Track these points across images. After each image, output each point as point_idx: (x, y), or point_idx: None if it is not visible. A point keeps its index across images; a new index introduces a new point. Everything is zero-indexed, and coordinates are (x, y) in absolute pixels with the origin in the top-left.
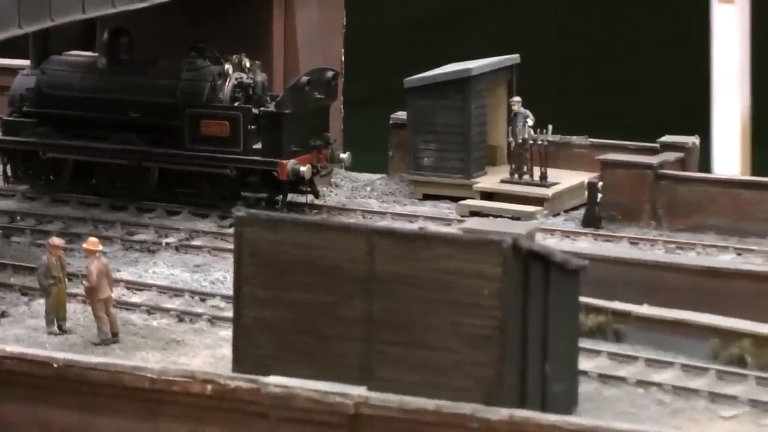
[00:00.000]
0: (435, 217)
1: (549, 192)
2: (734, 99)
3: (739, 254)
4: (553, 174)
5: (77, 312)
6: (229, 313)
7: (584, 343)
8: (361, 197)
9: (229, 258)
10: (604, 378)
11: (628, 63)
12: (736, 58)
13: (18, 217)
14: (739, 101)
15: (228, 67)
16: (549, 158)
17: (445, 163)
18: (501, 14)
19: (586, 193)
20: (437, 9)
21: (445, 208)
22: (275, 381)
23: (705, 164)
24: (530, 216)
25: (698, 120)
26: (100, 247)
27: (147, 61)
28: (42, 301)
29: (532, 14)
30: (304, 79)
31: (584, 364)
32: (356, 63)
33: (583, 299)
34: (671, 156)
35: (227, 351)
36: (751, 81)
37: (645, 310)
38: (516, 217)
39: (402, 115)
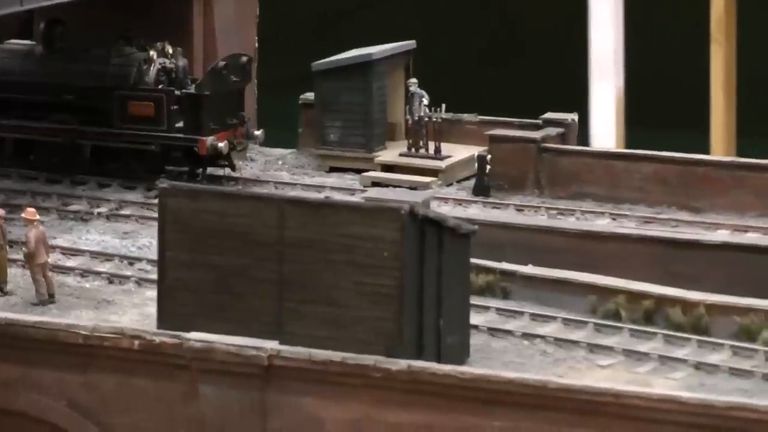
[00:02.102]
0: (340, 188)
1: (443, 164)
2: (610, 79)
3: (613, 219)
4: (446, 148)
5: (17, 275)
6: (155, 276)
7: (475, 299)
8: (274, 170)
9: (155, 225)
10: (493, 331)
11: (513, 47)
12: (611, 41)
13: None
14: (615, 81)
15: (153, 53)
16: (442, 134)
17: (350, 138)
18: (399, 3)
19: (476, 165)
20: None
21: (350, 180)
22: (196, 336)
23: (583, 139)
24: (426, 186)
25: (577, 98)
26: (38, 217)
27: (80, 48)
28: None
29: (427, 2)
30: (221, 63)
31: (475, 318)
32: (269, 49)
33: (473, 260)
34: (552, 131)
35: (153, 309)
36: (625, 62)
37: (529, 269)
38: (413, 187)
39: (310, 95)
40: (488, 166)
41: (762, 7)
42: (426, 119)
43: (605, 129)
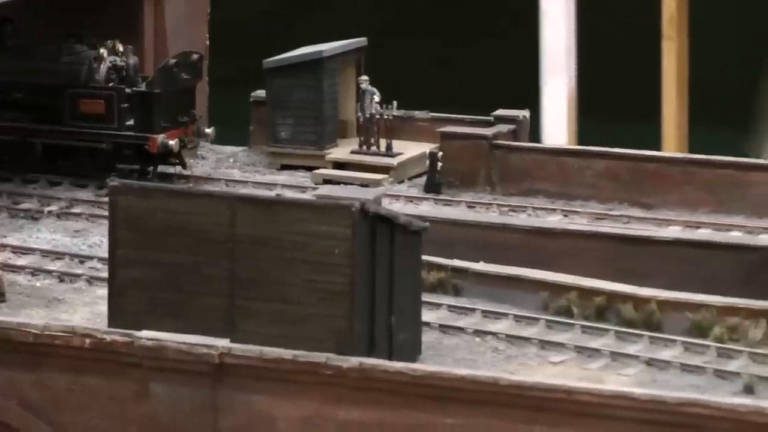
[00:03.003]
0: (292, 185)
1: (394, 161)
2: (562, 76)
3: (565, 215)
4: (397, 145)
5: None
6: (105, 274)
7: (426, 297)
8: (225, 168)
9: (106, 224)
10: (445, 328)
11: (464, 44)
12: (563, 38)
13: None
14: (566, 78)
15: (103, 51)
16: (394, 131)
17: (301, 136)
18: (350, 1)
19: (428, 162)
20: None
21: (301, 177)
22: (147, 334)
23: (535, 135)
24: (377, 183)
25: (529, 95)
26: None
27: (30, 46)
28: None
29: (379, 1)
30: (172, 61)
31: (427, 315)
32: (220, 47)
33: (425, 257)
34: (504, 128)
35: (104, 308)
36: (577, 59)
37: (481, 266)
38: (365, 184)
39: (262, 93)
40: (440, 163)
41: (713, 4)
42: (377, 116)
43: (557, 126)
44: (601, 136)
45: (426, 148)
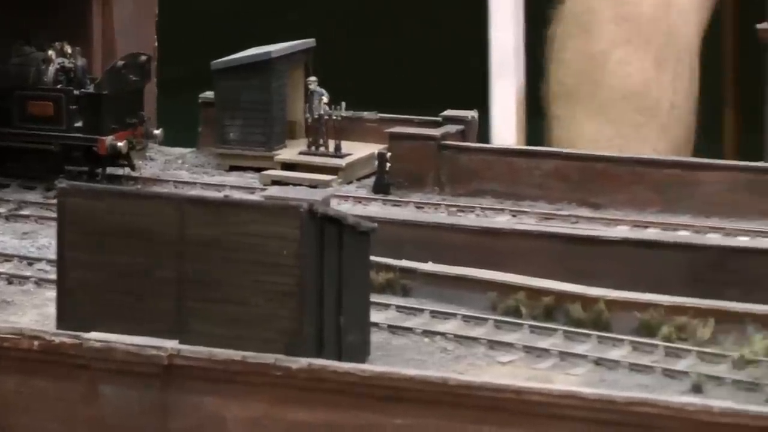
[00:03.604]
0: (240, 186)
1: (343, 162)
2: (511, 76)
3: (514, 215)
4: (346, 146)
5: None
6: (54, 276)
7: (375, 297)
8: (174, 169)
9: (54, 226)
10: (394, 329)
11: (412, 45)
12: (511, 38)
13: None
14: (515, 78)
15: (51, 53)
16: (342, 132)
17: (250, 137)
18: (299, 2)
19: (376, 162)
20: None
21: (250, 178)
22: (96, 336)
23: (484, 136)
24: (326, 184)
25: (478, 95)
26: None
27: None
28: None
29: (327, 2)
30: (120, 63)
31: (375, 316)
32: (169, 48)
33: (373, 258)
34: (452, 128)
35: (52, 310)
36: (526, 60)
37: (430, 267)
38: (313, 185)
39: (210, 94)
40: (388, 164)
41: None
42: (326, 117)
43: (506, 126)
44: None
45: (374, 148)
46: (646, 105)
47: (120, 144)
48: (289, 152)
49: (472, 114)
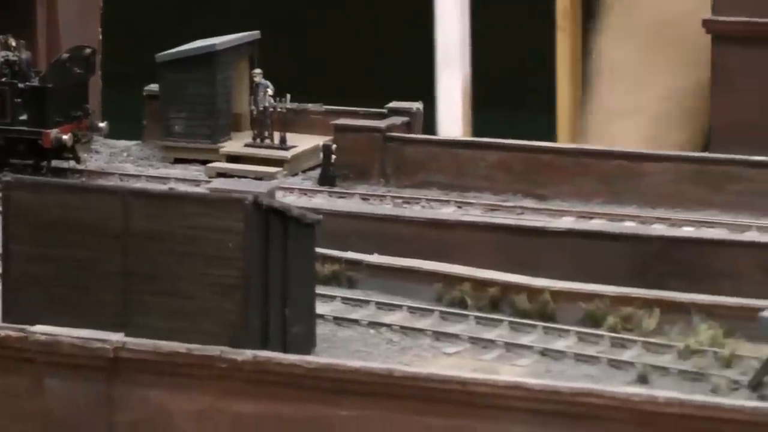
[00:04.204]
0: (185, 179)
1: (288, 154)
2: (456, 67)
3: (459, 207)
4: (291, 138)
5: None
6: None
7: (321, 289)
8: (119, 162)
9: None
10: (339, 320)
11: (358, 36)
12: (457, 30)
13: None
14: (461, 69)
15: None
16: (288, 124)
17: (195, 129)
18: None
19: (321, 154)
20: None
21: (195, 171)
22: (41, 329)
23: (430, 128)
24: (271, 176)
25: (424, 88)
26: None
27: None
28: None
29: None
30: (65, 56)
31: (321, 308)
32: (113, 41)
33: (319, 250)
34: (398, 120)
35: None
36: (472, 50)
37: (375, 258)
38: (258, 177)
39: (155, 87)
40: (333, 156)
41: None
42: (271, 110)
43: (452, 118)
44: (496, 127)
45: (320, 140)
46: (678, 36)
47: (65, 137)
48: (235, 144)
49: (417, 106)
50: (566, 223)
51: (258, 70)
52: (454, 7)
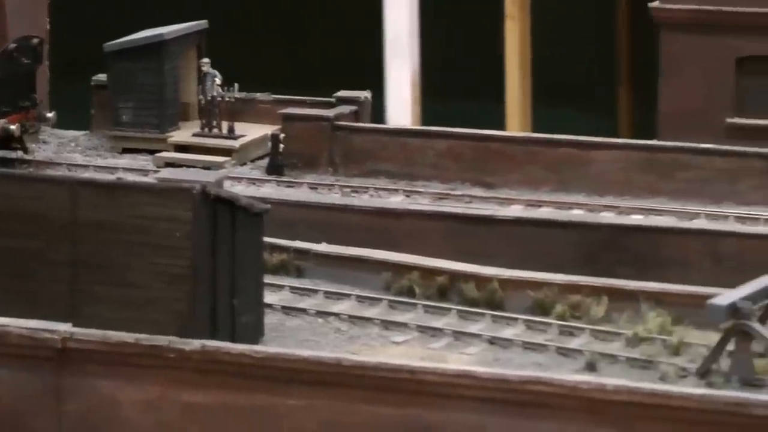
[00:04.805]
0: (134, 169)
1: (236, 144)
2: (405, 56)
3: (407, 196)
4: (239, 128)
5: None
6: None
7: (269, 278)
8: (67, 152)
9: None
10: (288, 310)
11: (306, 25)
12: (406, 18)
13: None
14: (410, 58)
15: None
16: (236, 113)
17: (143, 119)
18: None
19: (270, 144)
20: None
21: (143, 161)
22: None
23: (379, 117)
24: (219, 166)
25: (374, 76)
26: None
27: None
28: None
29: None
30: (12, 46)
31: (269, 297)
32: (61, 31)
33: (267, 239)
34: (346, 109)
35: None
36: (421, 39)
37: (323, 248)
38: (207, 167)
39: (103, 77)
40: (281, 145)
41: None
42: (219, 99)
43: (401, 106)
44: (446, 116)
45: (268, 130)
46: None
47: (12, 127)
48: (183, 134)
49: (365, 95)
50: (515, 211)
51: (206, 60)
52: None
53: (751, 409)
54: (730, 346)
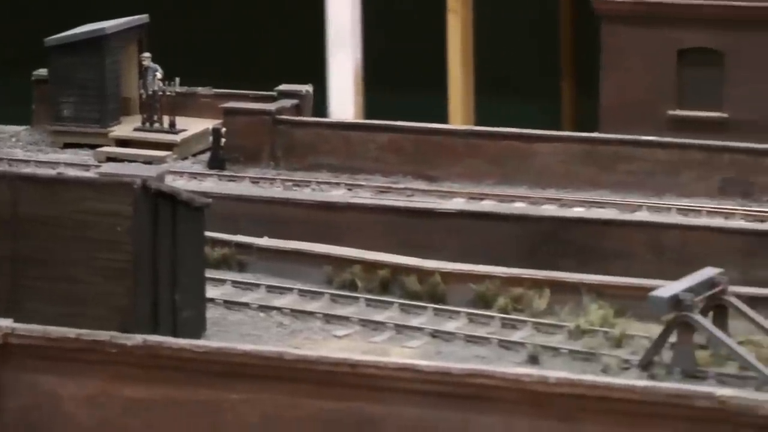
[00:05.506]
0: (75, 164)
1: (177, 138)
2: (348, 50)
3: (349, 189)
4: (181, 122)
5: None
6: None
7: (211, 273)
8: (8, 147)
9: None
10: (230, 304)
11: (248, 19)
12: (348, 12)
13: None
14: (352, 52)
15: None
16: (177, 108)
17: (84, 114)
18: None
19: (211, 138)
20: None
21: (84, 155)
22: None
23: (322, 110)
24: (161, 160)
25: (315, 70)
26: None
27: None
28: None
29: None
30: None
31: (211, 292)
32: (1, 26)
33: (209, 234)
34: (287, 103)
35: None
36: (363, 33)
37: (265, 242)
38: (148, 161)
39: (44, 72)
40: (223, 139)
41: None
42: (160, 93)
43: (344, 100)
44: (389, 109)
45: (209, 124)
46: None
47: None
48: (124, 129)
49: (306, 88)
50: (457, 204)
51: (147, 54)
52: None
53: (693, 400)
54: (673, 338)
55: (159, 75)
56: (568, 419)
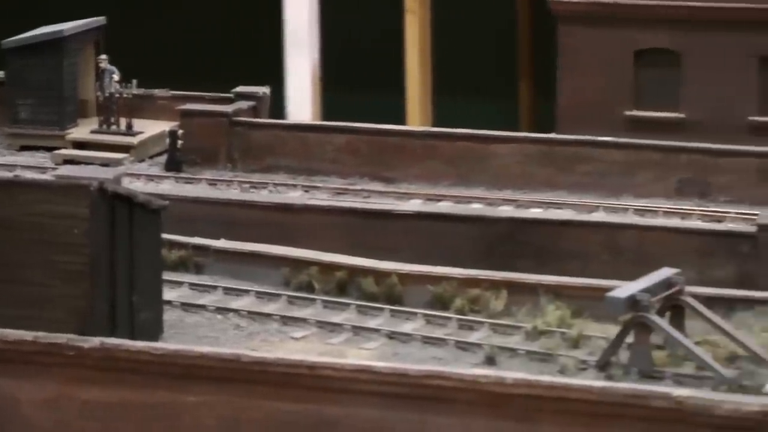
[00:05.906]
0: (32, 166)
1: (134, 140)
2: (305, 51)
3: (306, 191)
4: (138, 124)
5: None
6: None
7: (168, 275)
8: None
9: None
10: (187, 306)
11: (205, 21)
12: (306, 13)
13: None
14: (310, 53)
15: None
16: (134, 110)
17: (41, 116)
18: None
19: (168, 140)
20: None
21: (42, 158)
22: None
23: (279, 111)
24: (118, 162)
25: (272, 71)
26: None
27: None
28: None
29: None
30: None
31: (168, 294)
32: None
33: (166, 236)
34: (244, 105)
35: None
36: (321, 34)
37: (222, 244)
38: (105, 163)
39: (1, 74)
40: (180, 141)
41: None
42: (117, 95)
43: (301, 101)
44: (347, 110)
45: (166, 126)
46: None
47: None
48: (81, 131)
49: (263, 90)
50: (414, 205)
51: (104, 56)
52: None
53: (650, 400)
54: (630, 339)
55: (116, 77)
56: (525, 420)
